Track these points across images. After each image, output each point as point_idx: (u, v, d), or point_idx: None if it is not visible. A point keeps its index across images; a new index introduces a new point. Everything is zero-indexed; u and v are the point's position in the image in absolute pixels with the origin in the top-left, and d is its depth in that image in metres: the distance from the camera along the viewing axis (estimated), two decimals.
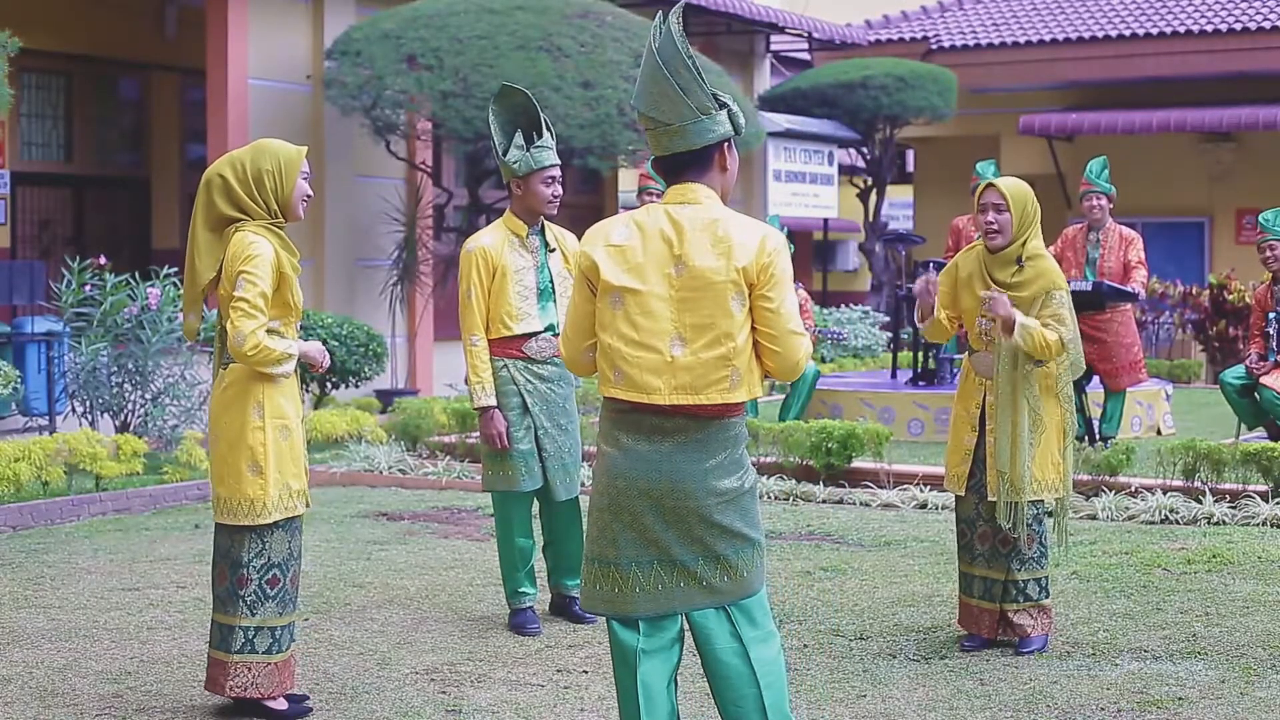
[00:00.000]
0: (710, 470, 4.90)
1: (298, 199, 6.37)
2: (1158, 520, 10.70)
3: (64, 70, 20.06)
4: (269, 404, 6.29)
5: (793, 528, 10.73)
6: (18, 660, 7.26)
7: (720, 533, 4.91)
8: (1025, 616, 7.39)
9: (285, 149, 6.37)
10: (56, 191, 20.49)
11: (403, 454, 13.75)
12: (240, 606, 6.31)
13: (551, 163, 7.75)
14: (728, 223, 4.88)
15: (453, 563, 9.63)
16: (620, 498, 4.95)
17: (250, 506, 6.27)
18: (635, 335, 4.89)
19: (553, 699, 6.67)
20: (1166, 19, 26.77)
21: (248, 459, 6.26)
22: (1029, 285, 7.30)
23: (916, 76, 25.42)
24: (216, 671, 6.37)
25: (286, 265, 6.28)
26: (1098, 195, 13.32)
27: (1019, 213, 7.32)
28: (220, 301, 6.33)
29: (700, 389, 4.86)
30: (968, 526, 7.52)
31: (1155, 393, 15.86)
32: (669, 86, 4.87)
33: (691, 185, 4.95)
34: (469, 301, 7.79)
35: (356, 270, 19.07)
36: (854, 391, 15.92)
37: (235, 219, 6.28)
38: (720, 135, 4.94)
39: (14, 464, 11.00)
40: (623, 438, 4.96)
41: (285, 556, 6.39)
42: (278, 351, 6.21)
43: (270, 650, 6.35)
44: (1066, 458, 7.38)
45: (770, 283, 4.86)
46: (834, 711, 6.46)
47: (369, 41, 17.62)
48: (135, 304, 13.25)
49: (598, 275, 4.93)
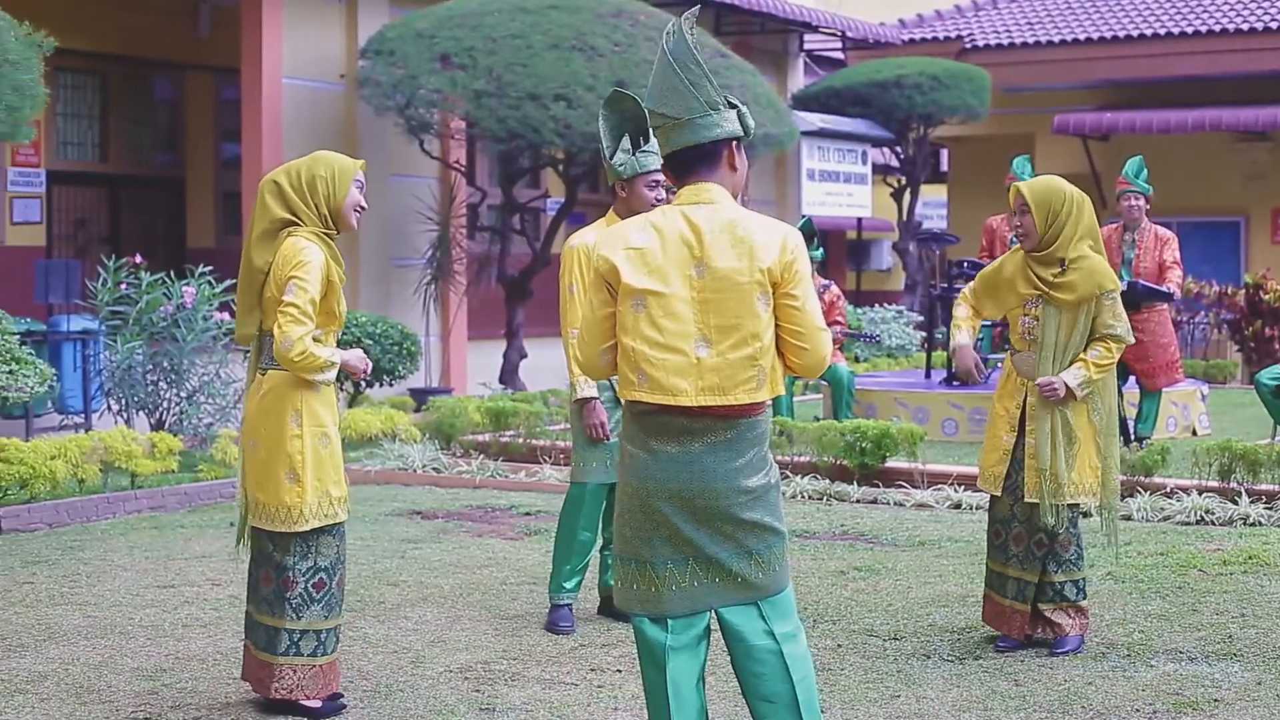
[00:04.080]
0: (739, 469, 4.90)
1: (350, 207, 6.38)
2: (1193, 521, 10.66)
3: (99, 70, 20.14)
4: (307, 412, 6.30)
5: (827, 527, 10.72)
6: (54, 657, 7.29)
7: (750, 528, 4.91)
8: (1062, 615, 7.37)
9: (341, 159, 6.42)
10: (92, 191, 20.57)
11: (437, 453, 13.76)
12: (286, 610, 6.31)
13: (655, 167, 7.76)
14: (746, 223, 4.87)
15: (486, 561, 9.64)
16: (650, 499, 4.95)
17: (287, 513, 6.28)
18: (660, 338, 4.88)
19: (586, 698, 6.67)
20: (1202, 17, 26.67)
21: (286, 467, 6.28)
22: (1076, 288, 7.23)
23: (950, 75, 25.36)
24: (262, 673, 6.37)
25: (335, 274, 6.30)
26: (1135, 195, 13.27)
27: (1042, 213, 7.25)
28: (266, 304, 6.35)
29: (728, 389, 4.86)
30: (1002, 527, 7.50)
31: (1191, 393, 15.81)
32: (678, 81, 4.89)
33: (704, 185, 4.94)
34: (570, 296, 7.82)
35: (391, 269, 19.10)
36: (888, 391, 15.90)
37: (288, 222, 6.30)
38: (728, 132, 4.94)
39: (50, 462, 11.04)
40: (651, 441, 4.95)
41: (332, 560, 6.39)
42: (322, 359, 6.22)
43: (315, 653, 6.35)
44: (1107, 460, 7.35)
45: (795, 280, 4.87)
46: (868, 712, 6.45)
47: (403, 40, 17.64)
48: (170, 303, 13.29)
49: (618, 278, 4.92)
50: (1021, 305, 7.39)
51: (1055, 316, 7.28)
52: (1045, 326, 7.29)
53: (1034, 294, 7.32)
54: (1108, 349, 7.27)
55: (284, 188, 6.30)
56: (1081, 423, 7.29)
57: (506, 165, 19.03)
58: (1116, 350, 7.29)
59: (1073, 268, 7.25)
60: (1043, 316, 7.30)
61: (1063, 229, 7.26)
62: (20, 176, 18.98)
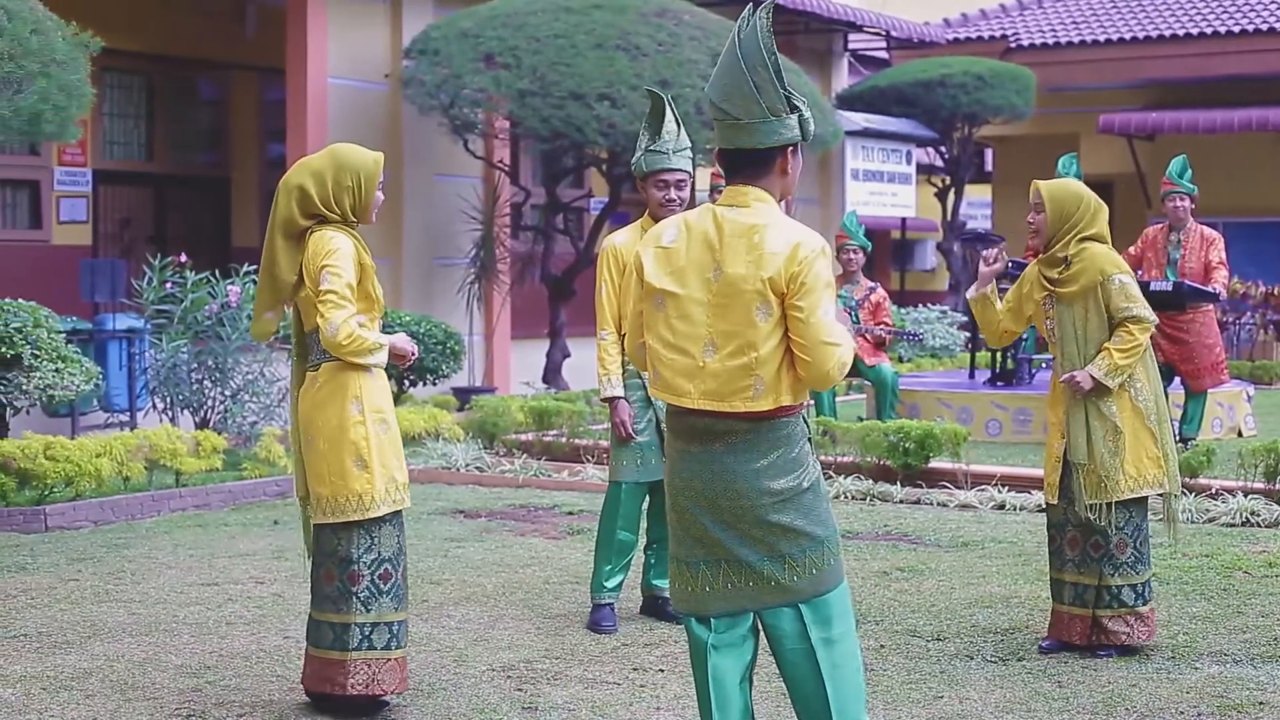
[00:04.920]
0: (762, 470, 4.86)
1: (373, 207, 6.42)
2: (1238, 523, 10.60)
3: (145, 70, 20.24)
4: (366, 398, 6.29)
5: (870, 528, 10.70)
6: (98, 653, 7.33)
7: (781, 532, 4.87)
8: (1120, 623, 7.28)
9: (364, 161, 6.38)
10: (138, 190, 20.67)
11: (480, 452, 13.78)
12: (354, 603, 6.27)
13: (662, 166, 7.75)
14: (765, 230, 4.80)
15: (529, 560, 9.65)
16: (679, 498, 4.96)
17: (359, 501, 6.24)
18: (671, 338, 4.89)
19: (629, 697, 6.67)
20: (1249, 16, 26.53)
21: (352, 454, 6.25)
22: (1078, 278, 7.27)
23: (995, 75, 25.29)
24: (331, 671, 6.29)
25: (365, 259, 6.31)
26: (1181, 196, 13.22)
27: (1055, 213, 7.29)
28: (303, 304, 6.36)
29: (725, 396, 4.83)
30: (1057, 532, 7.45)
31: (1236, 394, 15.73)
32: (744, 82, 4.81)
33: (746, 188, 4.89)
34: (599, 298, 7.87)
35: (434, 269, 19.14)
36: (932, 391, 15.87)
37: (310, 226, 6.32)
38: (786, 140, 4.87)
39: (95, 460, 11.10)
40: (678, 440, 4.97)
41: (395, 551, 6.37)
42: (371, 340, 6.22)
43: (389, 645, 6.32)
44: (1166, 449, 7.31)
45: (800, 292, 4.75)
46: (910, 712, 6.44)
47: (447, 40, 17.68)
48: (215, 302, 13.35)
49: (644, 276, 4.95)
50: (1041, 309, 7.40)
51: (1067, 313, 7.32)
52: (1061, 324, 7.32)
53: (1045, 294, 7.37)
54: (1129, 333, 7.22)
55: (310, 195, 6.29)
56: (1125, 413, 7.25)
57: (550, 165, 19.05)
58: (1140, 333, 7.22)
59: (1075, 261, 7.29)
60: (1056, 315, 7.31)
61: (1071, 230, 7.30)
62: (67, 176, 19.09)
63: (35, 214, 18.98)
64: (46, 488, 10.95)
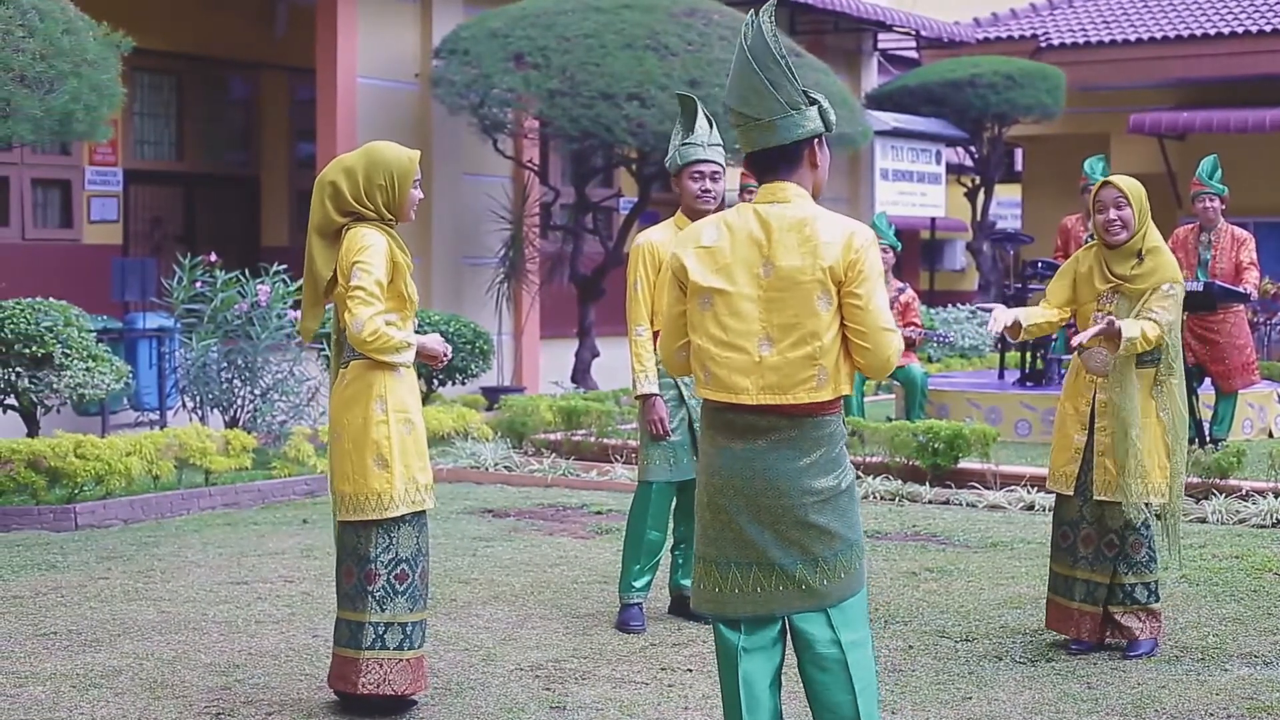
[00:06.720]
0: (805, 469, 4.88)
1: (410, 205, 6.41)
2: (1269, 524, 10.57)
3: (175, 69, 20.30)
4: (391, 398, 6.30)
5: (899, 528, 10.69)
6: (128, 651, 7.35)
7: (817, 534, 4.87)
8: (1132, 619, 7.32)
9: (399, 159, 6.37)
10: (168, 189, 20.74)
11: (508, 451, 13.80)
12: (369, 602, 6.29)
13: (696, 158, 7.77)
14: (815, 222, 4.85)
15: (558, 560, 9.65)
16: (717, 496, 4.95)
17: (377, 500, 6.26)
18: (724, 336, 4.89)
19: (656, 697, 6.67)
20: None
21: (373, 453, 6.26)
22: (1147, 278, 7.26)
23: (1025, 75, 25.23)
24: (346, 669, 6.33)
25: (400, 257, 6.31)
26: (1211, 196, 13.18)
27: (1139, 207, 7.30)
28: (337, 299, 6.37)
29: (787, 389, 4.84)
30: (1070, 529, 7.44)
31: (1267, 395, 15.67)
32: (758, 81, 4.85)
33: (782, 184, 4.92)
34: (635, 294, 7.87)
35: (463, 268, 19.17)
36: (961, 392, 15.84)
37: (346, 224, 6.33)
38: (810, 131, 4.91)
39: (125, 458, 11.14)
40: (719, 437, 4.96)
41: (413, 552, 6.37)
42: (396, 339, 6.22)
43: (402, 646, 6.33)
44: (1175, 462, 7.30)
45: (858, 279, 4.82)
46: (939, 713, 6.43)
47: (476, 40, 17.70)
48: (245, 301, 13.37)
49: (687, 277, 4.94)
50: (1095, 300, 7.37)
51: (1125, 305, 7.28)
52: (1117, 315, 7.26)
53: (1108, 288, 7.32)
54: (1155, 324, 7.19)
55: (343, 193, 6.29)
56: (1149, 420, 7.24)
57: (579, 164, 19.05)
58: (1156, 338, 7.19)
59: (1149, 257, 7.28)
60: (1116, 310, 7.27)
61: (1146, 225, 7.32)
62: (98, 175, 19.16)
63: (66, 213, 19.05)
64: (77, 486, 10.98)
